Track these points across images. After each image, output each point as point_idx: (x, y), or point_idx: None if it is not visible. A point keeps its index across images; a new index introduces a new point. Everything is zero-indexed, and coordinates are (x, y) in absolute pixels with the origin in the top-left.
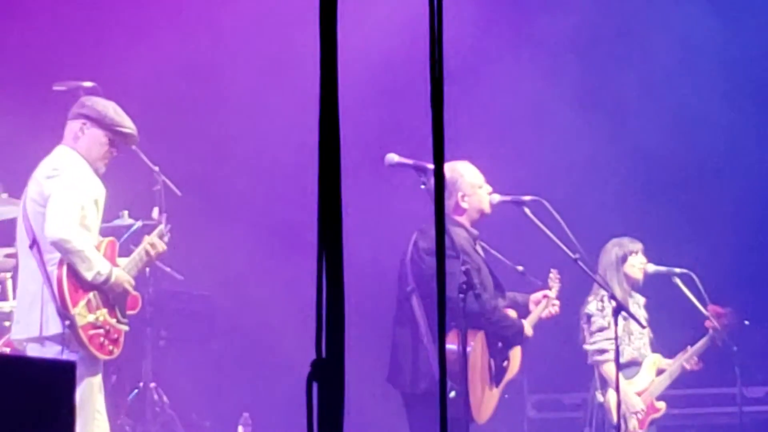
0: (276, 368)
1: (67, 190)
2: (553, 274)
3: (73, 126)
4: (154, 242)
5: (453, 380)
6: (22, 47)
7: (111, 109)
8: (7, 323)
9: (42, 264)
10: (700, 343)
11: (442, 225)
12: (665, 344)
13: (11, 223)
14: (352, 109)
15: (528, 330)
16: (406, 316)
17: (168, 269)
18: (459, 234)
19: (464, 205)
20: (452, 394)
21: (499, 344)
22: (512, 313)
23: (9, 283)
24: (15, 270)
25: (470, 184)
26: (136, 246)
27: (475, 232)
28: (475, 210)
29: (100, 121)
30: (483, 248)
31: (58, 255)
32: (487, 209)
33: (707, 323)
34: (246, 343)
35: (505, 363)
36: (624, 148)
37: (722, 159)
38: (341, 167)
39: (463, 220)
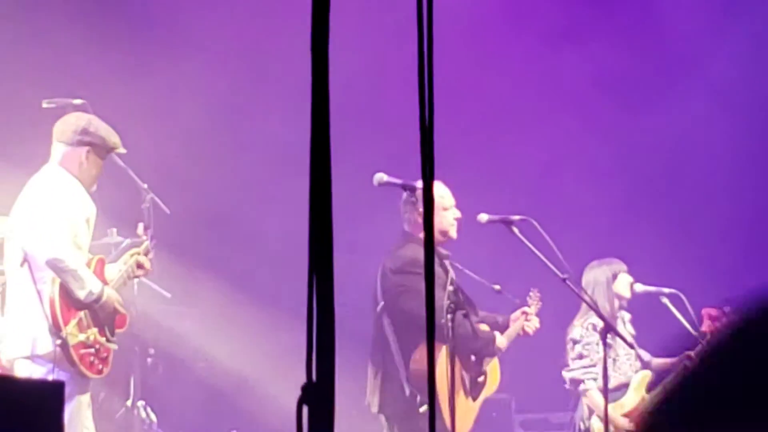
0: (266, 387)
1: (59, 209)
2: (533, 293)
3: (75, 152)
4: (141, 261)
5: (423, 395)
6: (10, 63)
7: (110, 131)
8: None
9: (33, 282)
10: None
11: (431, 243)
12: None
13: None
14: (342, 127)
15: (501, 342)
16: (379, 337)
17: (156, 287)
18: (420, 252)
19: None
20: (423, 408)
21: (472, 357)
22: (484, 327)
23: None
24: (4, 287)
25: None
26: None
27: (443, 251)
28: (438, 232)
29: (102, 148)
30: (456, 267)
31: (49, 273)
32: (450, 232)
33: (704, 329)
34: (235, 360)
35: (481, 378)
36: (612, 168)
37: (712, 179)
38: (332, 186)
39: None
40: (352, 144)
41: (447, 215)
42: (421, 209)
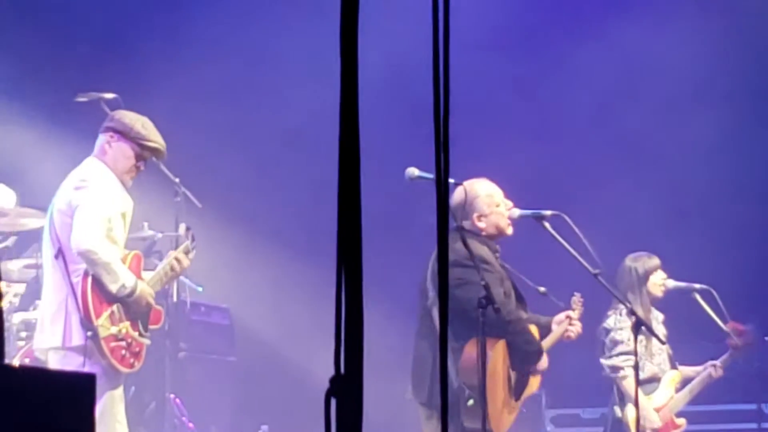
0: (295, 381)
1: (95, 202)
2: (577, 298)
3: (101, 139)
4: (180, 258)
5: (472, 390)
6: (46, 58)
7: (139, 123)
8: (24, 334)
9: (67, 274)
10: (723, 358)
11: (445, 238)
12: (684, 360)
13: (29, 234)
14: (372, 122)
15: (543, 356)
16: (428, 329)
17: (187, 281)
18: (478, 246)
19: (481, 224)
20: (470, 402)
21: (519, 359)
22: (534, 329)
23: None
24: (34, 280)
25: (487, 203)
26: (156, 257)
27: (495, 246)
28: (493, 228)
29: (126, 135)
30: (504, 266)
31: (83, 266)
32: (506, 229)
33: (729, 341)
34: (265, 355)
35: (526, 377)
36: (643, 162)
37: (743, 173)
38: (361, 181)
39: (481, 236)
40: (381, 137)
41: (499, 211)
42: (476, 206)
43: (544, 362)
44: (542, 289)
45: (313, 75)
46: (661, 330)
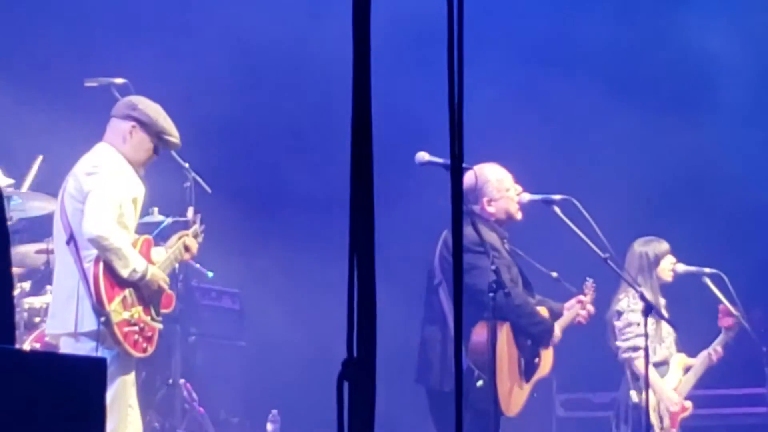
0: (306, 366)
1: (107, 187)
2: (589, 283)
3: (121, 126)
4: (189, 243)
5: (481, 371)
6: (55, 44)
7: (162, 116)
8: (37, 319)
9: (78, 260)
10: (717, 341)
11: (460, 223)
12: (689, 344)
13: (39, 219)
14: (383, 106)
15: (557, 332)
16: (435, 313)
17: (197, 266)
18: (487, 232)
19: (491, 209)
20: (480, 383)
21: (528, 341)
22: (543, 311)
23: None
24: (45, 265)
25: (497, 188)
26: (165, 243)
27: (504, 232)
28: (503, 213)
29: (149, 127)
30: (515, 251)
31: (94, 251)
32: (516, 213)
33: (720, 322)
34: (275, 340)
35: (537, 360)
36: (654, 146)
37: (753, 156)
38: (373, 166)
39: (491, 221)
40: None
41: (509, 196)
42: (486, 190)
43: (557, 336)
44: (554, 274)
45: (328, 62)
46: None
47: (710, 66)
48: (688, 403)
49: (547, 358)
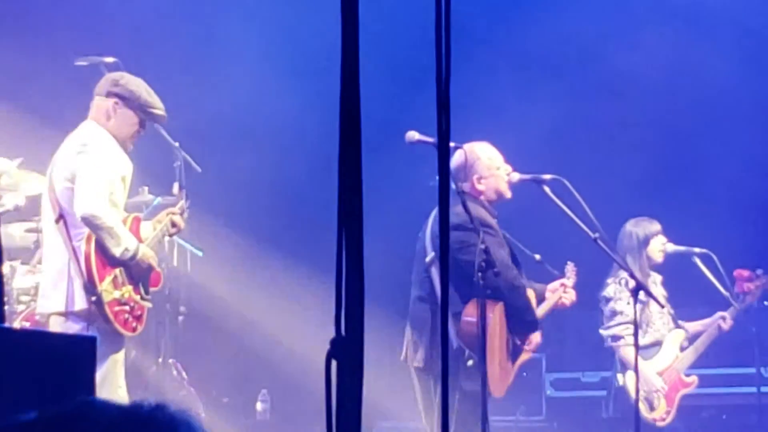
0: (294, 345)
1: (97, 166)
2: (570, 266)
3: (103, 103)
4: (175, 220)
5: (471, 350)
6: (43, 22)
7: (144, 90)
8: (25, 298)
9: (68, 239)
10: (732, 308)
11: (447, 201)
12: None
13: (31, 198)
14: (372, 85)
15: (539, 315)
16: (425, 291)
17: (187, 245)
18: (477, 209)
19: (480, 187)
20: (470, 362)
21: (519, 324)
22: (531, 294)
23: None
24: (35, 245)
25: (487, 166)
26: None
27: (494, 211)
28: (492, 191)
29: (132, 102)
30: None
31: (84, 230)
32: (506, 192)
33: (739, 288)
34: (265, 319)
35: (522, 343)
36: (642, 126)
37: (743, 136)
38: (362, 144)
39: (481, 199)
40: (381, 100)
41: (499, 174)
42: (476, 169)
43: (537, 337)
44: (537, 256)
45: (316, 41)
46: (660, 292)
47: (700, 48)
48: (692, 378)
49: (533, 338)
